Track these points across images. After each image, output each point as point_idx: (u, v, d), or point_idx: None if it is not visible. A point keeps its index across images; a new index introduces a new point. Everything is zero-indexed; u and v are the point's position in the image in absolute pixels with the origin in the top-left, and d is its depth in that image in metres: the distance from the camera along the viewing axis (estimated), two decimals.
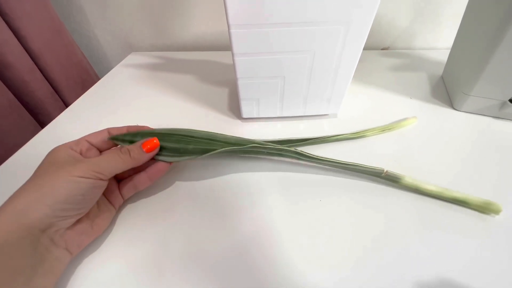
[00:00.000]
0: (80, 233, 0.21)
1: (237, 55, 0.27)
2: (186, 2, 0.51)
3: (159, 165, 0.25)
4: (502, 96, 0.32)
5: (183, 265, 0.21)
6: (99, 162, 0.21)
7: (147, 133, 0.26)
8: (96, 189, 0.20)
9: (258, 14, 0.24)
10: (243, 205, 0.26)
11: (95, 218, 0.22)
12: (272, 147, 0.27)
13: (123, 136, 0.26)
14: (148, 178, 0.25)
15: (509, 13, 0.26)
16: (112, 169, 0.21)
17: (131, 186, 0.25)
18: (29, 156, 0.32)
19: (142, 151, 0.23)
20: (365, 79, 0.44)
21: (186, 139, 0.26)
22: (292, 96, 0.32)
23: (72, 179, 0.19)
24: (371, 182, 0.27)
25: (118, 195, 0.24)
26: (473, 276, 0.20)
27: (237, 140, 0.27)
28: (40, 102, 0.45)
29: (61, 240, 0.19)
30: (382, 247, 0.22)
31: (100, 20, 0.55)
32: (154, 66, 0.51)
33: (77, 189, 0.19)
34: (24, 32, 0.41)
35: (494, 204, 0.23)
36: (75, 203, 0.19)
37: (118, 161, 0.22)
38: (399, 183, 0.25)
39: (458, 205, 0.24)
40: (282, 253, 0.22)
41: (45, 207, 0.18)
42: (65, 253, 0.20)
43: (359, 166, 0.26)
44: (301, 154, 0.26)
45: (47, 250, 0.18)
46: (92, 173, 0.20)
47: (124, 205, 0.26)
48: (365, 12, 0.24)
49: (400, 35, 0.54)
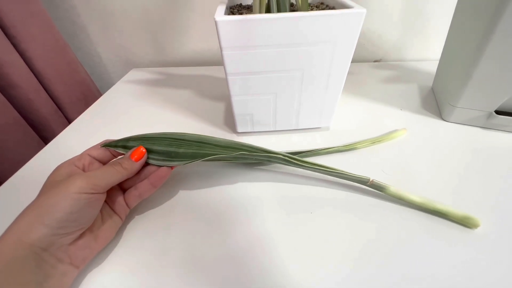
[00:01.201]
0: (84, 248, 0.21)
1: (230, 74, 0.29)
2: (185, 21, 0.54)
3: (160, 171, 0.25)
4: (488, 107, 0.33)
5: (180, 273, 0.22)
6: (94, 175, 0.21)
7: (139, 137, 0.27)
8: (94, 203, 0.21)
9: (249, 38, 0.26)
10: (239, 215, 0.26)
11: (98, 230, 0.22)
12: (261, 154, 0.27)
13: (116, 142, 0.26)
14: (152, 185, 0.25)
15: (490, 28, 0.28)
16: (107, 181, 0.22)
17: (136, 194, 0.25)
18: (33, 172, 0.33)
19: (131, 161, 0.24)
20: (358, 91, 0.45)
21: (177, 142, 0.27)
22: (284, 111, 0.33)
23: (70, 196, 0.19)
24: (361, 194, 0.28)
25: (124, 205, 0.25)
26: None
27: (227, 143, 0.28)
28: (44, 119, 0.47)
29: (65, 256, 0.20)
30: (369, 258, 0.22)
31: (103, 39, 0.57)
32: (154, 82, 0.53)
33: (74, 206, 0.19)
34: (30, 53, 0.43)
35: (473, 219, 0.23)
36: (73, 220, 0.20)
37: (112, 172, 0.22)
38: (384, 192, 0.26)
39: (440, 217, 0.25)
40: (276, 262, 0.22)
41: (44, 226, 0.18)
42: (70, 268, 0.20)
43: (346, 174, 0.27)
44: (288, 160, 0.27)
45: (52, 267, 0.19)
46: (88, 187, 0.20)
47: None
48: (351, 31, 0.26)
49: (391, 48, 0.55)
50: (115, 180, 0.23)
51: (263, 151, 0.28)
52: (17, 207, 0.20)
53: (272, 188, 0.29)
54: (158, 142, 0.27)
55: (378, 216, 0.26)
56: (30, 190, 0.21)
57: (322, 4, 0.34)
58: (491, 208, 0.26)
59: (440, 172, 0.30)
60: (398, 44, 0.55)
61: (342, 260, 0.22)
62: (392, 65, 0.54)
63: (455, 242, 0.23)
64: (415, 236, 0.24)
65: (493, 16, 0.27)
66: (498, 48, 0.28)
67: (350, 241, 0.24)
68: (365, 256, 0.23)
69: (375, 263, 0.22)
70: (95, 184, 0.21)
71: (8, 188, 0.31)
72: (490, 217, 0.25)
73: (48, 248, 0.19)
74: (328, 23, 0.25)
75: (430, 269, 0.21)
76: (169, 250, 0.24)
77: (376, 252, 0.23)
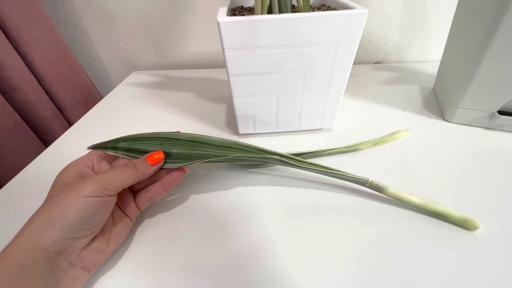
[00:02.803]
0: (97, 251, 0.21)
1: (232, 75, 0.29)
2: (186, 24, 0.54)
3: (173, 175, 0.25)
4: (490, 107, 0.33)
5: (183, 277, 0.22)
6: (106, 178, 0.21)
7: (130, 137, 0.26)
8: (106, 206, 0.20)
9: (251, 38, 0.26)
10: (240, 220, 0.26)
11: (110, 233, 0.22)
12: (257, 154, 0.26)
13: (105, 144, 0.26)
14: (163, 188, 0.25)
15: (492, 28, 0.28)
16: (119, 184, 0.21)
17: (147, 197, 0.25)
18: (34, 175, 0.33)
19: (147, 164, 0.24)
20: (359, 92, 0.45)
21: (170, 142, 0.26)
22: (286, 112, 0.33)
23: (81, 200, 0.19)
24: (361, 196, 0.27)
25: (134, 207, 0.24)
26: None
27: (222, 142, 0.27)
28: (45, 122, 0.47)
29: (78, 260, 0.19)
30: (370, 261, 0.22)
31: (104, 42, 0.57)
32: (155, 84, 0.53)
33: (86, 209, 0.19)
34: (31, 56, 0.43)
35: (472, 221, 0.23)
36: (86, 224, 0.19)
37: (125, 175, 0.22)
38: (383, 193, 0.26)
39: (439, 218, 0.25)
40: (278, 267, 0.22)
41: (56, 231, 0.18)
42: (82, 272, 0.20)
43: (345, 175, 0.26)
44: (285, 160, 0.26)
45: (64, 271, 0.18)
46: (99, 191, 0.20)
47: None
48: (353, 32, 0.26)
49: (393, 49, 0.55)
50: (127, 183, 0.22)
51: (259, 150, 0.27)
52: (18, 210, 0.20)
53: (273, 192, 0.29)
54: (150, 142, 0.26)
55: (378, 219, 0.25)
56: (31, 193, 0.21)
57: (323, 6, 0.34)
58: (492, 208, 0.25)
59: (442, 172, 0.29)
60: (398, 46, 0.55)
61: (342, 266, 0.22)
62: (393, 67, 0.54)
63: (455, 244, 0.23)
64: (414, 238, 0.23)
65: (495, 16, 0.27)
66: (500, 48, 0.28)
67: (351, 244, 0.23)
68: (366, 259, 0.22)
69: (375, 266, 0.22)
70: (107, 187, 0.20)
71: (8, 191, 0.31)
72: (492, 217, 0.24)
73: (61, 252, 0.18)
74: (330, 24, 0.25)
75: (429, 271, 0.21)
76: (173, 254, 0.24)
77: (376, 255, 0.22)
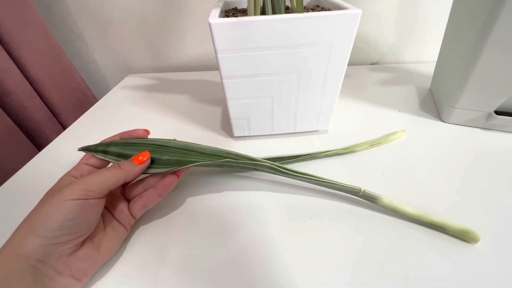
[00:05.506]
0: (85, 259, 0.20)
1: (225, 78, 0.28)
2: (181, 27, 0.54)
3: (167, 179, 0.25)
4: (487, 107, 0.33)
5: (179, 279, 0.21)
6: (88, 180, 0.20)
7: (121, 142, 0.26)
8: (89, 209, 0.20)
9: (243, 40, 0.25)
10: (237, 223, 0.26)
11: (101, 241, 0.21)
12: (247, 161, 0.26)
13: (96, 147, 0.26)
14: (157, 194, 0.24)
15: (487, 27, 0.27)
16: (102, 185, 0.21)
17: (141, 204, 0.24)
18: (27, 179, 0.32)
19: (132, 163, 0.23)
20: (355, 94, 0.45)
21: (160, 149, 0.26)
22: (281, 114, 0.33)
23: (62, 204, 0.19)
24: (355, 204, 0.26)
25: (128, 215, 0.24)
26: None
27: (213, 150, 0.27)
28: (38, 126, 0.46)
29: (65, 268, 0.19)
30: (362, 273, 0.21)
31: (99, 45, 0.57)
32: (151, 87, 0.52)
33: (66, 213, 0.18)
34: (24, 60, 0.43)
35: (472, 232, 0.22)
36: (67, 228, 0.19)
37: (108, 175, 0.21)
38: (377, 203, 0.25)
39: (436, 230, 0.23)
40: (275, 271, 0.22)
41: (36, 237, 0.18)
42: (72, 280, 0.19)
43: (336, 184, 0.25)
44: (275, 168, 0.26)
45: (51, 279, 0.18)
46: (81, 193, 0.19)
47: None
48: (347, 32, 0.26)
49: (388, 50, 0.55)
50: (111, 182, 0.21)
51: (248, 159, 0.27)
52: (10, 214, 0.19)
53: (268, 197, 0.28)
54: (142, 148, 0.26)
55: (371, 229, 0.24)
56: (23, 197, 0.21)
57: (317, 7, 0.34)
58: (492, 208, 0.25)
59: (439, 173, 0.29)
60: (394, 47, 0.55)
61: (334, 277, 0.21)
62: (389, 68, 0.54)
63: (454, 257, 0.22)
64: (410, 251, 0.22)
65: (490, 16, 0.27)
66: (495, 48, 0.28)
67: (345, 253, 0.23)
68: (358, 271, 0.21)
69: (368, 279, 0.21)
70: (88, 189, 0.20)
71: (1, 196, 0.30)
72: (491, 219, 0.24)
73: (45, 260, 0.18)
74: (324, 24, 0.25)
75: (425, 285, 0.20)
76: (170, 257, 0.23)
77: (368, 268, 0.21)
